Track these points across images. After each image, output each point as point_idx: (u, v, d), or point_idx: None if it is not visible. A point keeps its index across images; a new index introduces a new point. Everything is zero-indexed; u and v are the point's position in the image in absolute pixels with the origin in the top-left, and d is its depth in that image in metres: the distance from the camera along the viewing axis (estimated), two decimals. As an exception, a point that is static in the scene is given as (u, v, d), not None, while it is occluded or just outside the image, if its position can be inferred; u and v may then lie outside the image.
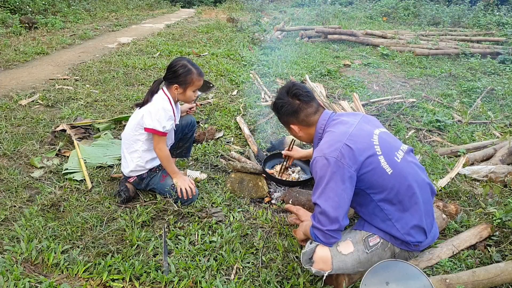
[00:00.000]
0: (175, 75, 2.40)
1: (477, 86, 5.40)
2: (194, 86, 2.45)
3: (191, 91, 2.47)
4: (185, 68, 2.40)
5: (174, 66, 2.41)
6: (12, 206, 2.46)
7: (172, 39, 8.47)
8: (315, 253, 1.75)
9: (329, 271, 1.74)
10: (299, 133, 2.03)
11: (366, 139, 1.78)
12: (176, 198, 2.53)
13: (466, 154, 3.26)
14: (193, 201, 2.57)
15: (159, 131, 2.38)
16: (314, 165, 1.75)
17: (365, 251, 1.78)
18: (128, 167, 2.52)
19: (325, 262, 1.73)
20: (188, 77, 2.40)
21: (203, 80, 2.50)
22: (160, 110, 2.38)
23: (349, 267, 1.76)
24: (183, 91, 2.45)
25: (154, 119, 2.37)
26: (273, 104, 2.04)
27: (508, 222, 2.25)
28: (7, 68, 5.61)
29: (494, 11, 12.70)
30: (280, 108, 1.99)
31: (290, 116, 1.99)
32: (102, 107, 4.26)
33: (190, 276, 1.93)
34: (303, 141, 2.14)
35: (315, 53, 7.53)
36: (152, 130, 2.39)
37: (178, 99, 2.53)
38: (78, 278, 1.91)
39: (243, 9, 15.60)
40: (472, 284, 1.82)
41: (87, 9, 12.11)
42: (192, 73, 2.41)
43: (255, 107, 4.41)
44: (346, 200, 1.68)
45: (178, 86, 2.43)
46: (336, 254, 1.74)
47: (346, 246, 1.77)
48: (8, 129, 3.53)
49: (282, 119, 2.04)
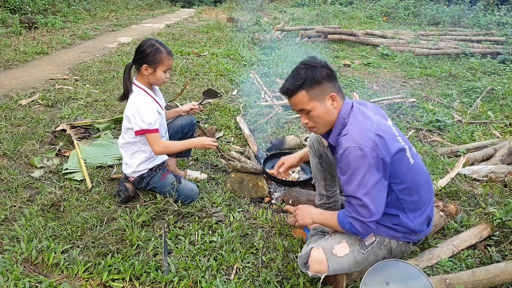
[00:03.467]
0: (143, 54, 2.33)
1: (477, 86, 5.40)
2: (164, 66, 2.37)
3: (161, 71, 2.38)
4: (153, 47, 2.33)
5: (142, 46, 2.35)
6: (12, 206, 2.46)
7: (172, 39, 8.46)
8: (310, 257, 1.74)
9: (325, 274, 1.73)
10: (330, 111, 1.76)
11: (389, 129, 1.76)
12: (176, 197, 2.53)
13: (466, 154, 3.26)
14: (193, 200, 2.57)
15: (148, 130, 2.34)
16: (346, 156, 1.63)
17: (360, 251, 1.77)
18: (130, 168, 2.52)
19: (321, 265, 1.72)
20: (157, 56, 2.33)
21: (172, 59, 2.42)
22: (141, 109, 2.33)
23: (346, 268, 1.76)
24: (153, 71, 2.37)
25: (138, 119, 2.33)
26: (312, 67, 1.72)
27: (508, 222, 2.25)
28: (7, 68, 5.61)
29: (494, 11, 12.70)
30: (321, 70, 1.72)
31: (332, 81, 1.74)
32: (102, 107, 4.26)
33: (190, 276, 1.93)
34: (320, 128, 1.83)
35: (315, 53, 7.52)
36: (141, 131, 2.35)
37: (150, 82, 2.44)
38: (78, 278, 1.91)
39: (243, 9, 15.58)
40: (472, 284, 1.82)
41: (87, 9, 12.11)
42: (161, 51, 2.34)
43: (255, 107, 4.41)
44: (383, 191, 1.67)
45: (148, 66, 2.35)
46: (331, 257, 1.73)
47: (341, 249, 1.76)
48: (8, 129, 3.53)
49: (321, 86, 1.72)
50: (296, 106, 1.78)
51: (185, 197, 2.55)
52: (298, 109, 1.79)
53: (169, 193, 2.54)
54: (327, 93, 1.74)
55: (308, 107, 1.74)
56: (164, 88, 5.07)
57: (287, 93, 1.78)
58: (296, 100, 1.75)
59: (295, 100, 1.76)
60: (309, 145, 2.29)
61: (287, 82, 1.77)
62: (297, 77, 1.73)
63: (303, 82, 1.71)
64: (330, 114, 1.77)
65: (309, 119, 1.80)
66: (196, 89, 5.08)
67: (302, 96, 1.73)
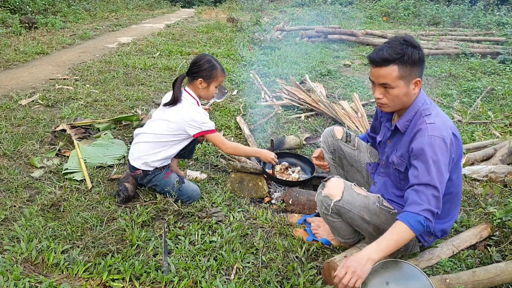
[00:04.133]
0: (200, 69, 2.44)
1: (477, 86, 5.40)
2: (217, 82, 2.50)
3: (214, 86, 2.51)
4: (210, 63, 2.45)
5: (200, 61, 2.46)
6: (12, 206, 2.46)
7: (172, 39, 8.47)
8: (330, 180, 1.84)
9: (337, 199, 1.77)
10: (409, 94, 1.71)
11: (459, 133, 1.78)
12: (176, 197, 2.53)
13: (466, 154, 3.26)
14: (194, 200, 2.57)
15: (212, 130, 2.48)
16: (430, 143, 1.60)
17: (375, 203, 1.81)
18: (145, 161, 2.49)
19: (337, 190, 1.79)
20: (213, 71, 2.45)
21: (225, 76, 2.55)
22: (200, 114, 2.44)
23: (357, 206, 1.79)
24: (207, 85, 2.49)
25: (199, 123, 2.42)
26: (412, 46, 1.66)
27: (508, 222, 2.24)
28: (7, 68, 5.61)
29: (494, 11, 12.69)
30: (420, 53, 1.67)
31: (423, 66, 1.71)
32: (102, 107, 4.26)
33: (190, 276, 1.93)
34: (391, 107, 1.77)
35: (315, 53, 7.52)
36: (202, 132, 2.46)
37: (201, 96, 2.55)
38: (78, 278, 1.91)
39: (243, 9, 15.60)
40: (472, 284, 1.82)
41: (87, 9, 12.12)
42: (216, 68, 2.46)
43: (255, 107, 4.41)
44: (444, 185, 1.63)
45: (203, 80, 2.46)
46: (348, 187, 1.82)
47: (359, 189, 1.85)
48: (8, 129, 3.53)
49: (413, 68, 1.67)
50: (380, 78, 1.69)
51: (187, 197, 2.56)
52: (380, 82, 1.70)
53: (169, 193, 2.54)
54: (415, 77, 1.69)
55: (393, 84, 1.67)
56: (164, 88, 5.07)
57: (378, 62, 1.68)
58: (385, 72, 1.66)
59: (384, 72, 1.67)
60: (323, 140, 2.34)
61: (383, 51, 1.66)
62: (396, 49, 1.64)
63: (401, 57, 1.64)
64: (408, 98, 1.73)
65: (385, 95, 1.73)
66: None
67: (393, 70, 1.65)
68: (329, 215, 1.89)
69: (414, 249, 1.96)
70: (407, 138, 1.76)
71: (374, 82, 1.76)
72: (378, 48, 1.71)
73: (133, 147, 2.58)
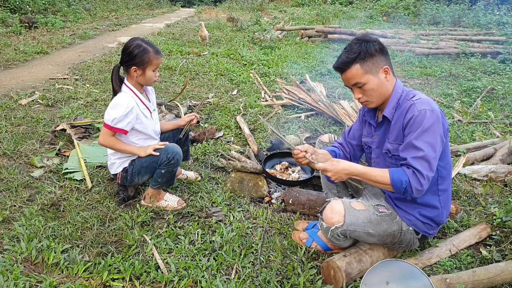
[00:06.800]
0: (131, 56, 2.28)
1: (477, 86, 5.40)
2: (153, 66, 2.32)
3: (151, 70, 2.33)
4: (140, 48, 2.28)
5: (129, 48, 2.29)
6: (12, 206, 2.46)
7: (172, 39, 8.47)
8: (329, 205, 1.86)
9: (341, 224, 1.80)
10: (383, 84, 1.79)
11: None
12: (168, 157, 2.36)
13: (466, 154, 3.26)
14: (179, 161, 2.41)
15: (107, 125, 2.29)
16: (422, 116, 1.67)
17: (375, 213, 1.86)
18: (113, 166, 2.48)
19: (339, 214, 1.81)
20: (145, 56, 2.28)
21: (161, 58, 2.38)
22: (113, 105, 2.30)
23: (360, 224, 1.82)
24: (142, 72, 2.32)
25: (108, 113, 2.29)
26: (364, 42, 1.75)
27: (508, 222, 2.25)
28: (7, 68, 5.61)
29: (494, 10, 12.68)
30: (374, 44, 1.75)
31: (385, 55, 1.78)
32: (102, 106, 4.26)
33: (190, 276, 1.93)
34: (373, 101, 1.84)
35: (315, 52, 7.52)
36: (104, 123, 2.31)
37: (140, 83, 2.40)
38: (78, 277, 1.91)
39: (243, 8, 15.60)
40: (472, 284, 1.82)
41: (87, 8, 12.12)
42: (148, 51, 2.28)
43: (255, 106, 4.40)
44: (438, 155, 1.70)
45: (136, 67, 2.30)
46: (349, 208, 1.83)
47: (358, 205, 1.87)
48: (8, 129, 3.53)
49: (374, 59, 1.75)
50: (350, 80, 1.79)
51: (174, 153, 2.38)
52: (352, 83, 1.80)
53: (155, 162, 2.38)
54: (381, 66, 1.77)
55: (362, 80, 1.76)
56: (164, 88, 5.07)
57: (341, 68, 1.80)
58: (351, 74, 1.77)
59: (349, 74, 1.77)
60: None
61: (341, 57, 1.79)
62: (351, 51, 1.76)
63: (357, 56, 1.74)
64: (384, 87, 1.81)
65: (362, 93, 1.82)
66: (196, 89, 5.08)
67: (356, 69, 1.75)
68: (337, 239, 1.91)
69: (414, 243, 1.97)
70: (398, 122, 1.81)
71: (348, 87, 1.87)
72: (338, 57, 1.83)
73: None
